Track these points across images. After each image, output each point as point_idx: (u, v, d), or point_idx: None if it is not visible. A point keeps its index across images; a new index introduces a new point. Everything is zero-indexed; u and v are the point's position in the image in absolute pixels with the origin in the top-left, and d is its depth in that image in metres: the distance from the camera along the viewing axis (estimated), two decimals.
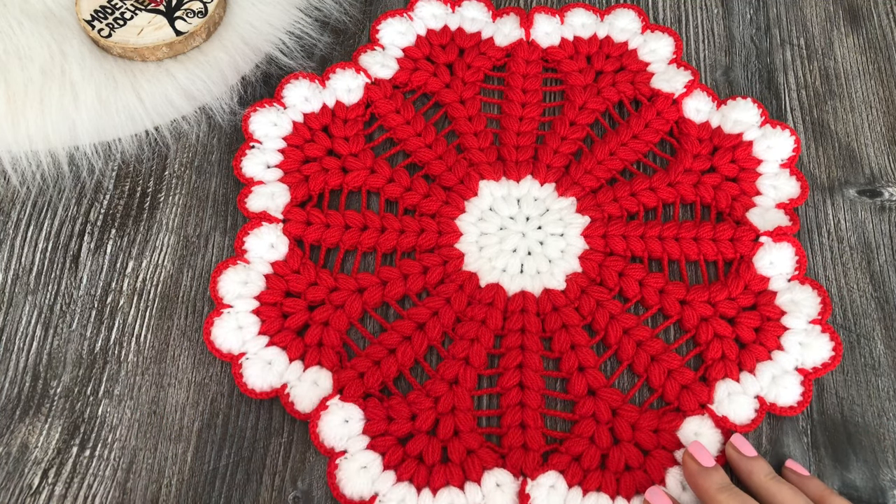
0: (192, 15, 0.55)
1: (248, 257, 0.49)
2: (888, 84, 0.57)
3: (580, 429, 0.45)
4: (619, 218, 0.51)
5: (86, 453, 0.45)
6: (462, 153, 0.54)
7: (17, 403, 0.46)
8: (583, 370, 0.47)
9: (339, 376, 0.46)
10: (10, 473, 0.44)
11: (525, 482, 0.43)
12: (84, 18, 0.54)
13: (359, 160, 0.53)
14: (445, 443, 0.45)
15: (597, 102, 0.55)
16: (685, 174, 0.52)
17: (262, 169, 0.52)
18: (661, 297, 0.49)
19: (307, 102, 0.55)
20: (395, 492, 0.43)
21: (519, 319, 0.48)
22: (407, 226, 0.51)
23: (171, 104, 0.54)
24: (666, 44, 0.57)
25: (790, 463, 0.44)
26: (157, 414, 0.46)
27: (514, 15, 0.59)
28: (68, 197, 0.52)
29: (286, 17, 0.58)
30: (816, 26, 0.60)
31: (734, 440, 0.44)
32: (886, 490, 0.44)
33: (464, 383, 0.46)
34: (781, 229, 0.50)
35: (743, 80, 0.57)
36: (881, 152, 0.54)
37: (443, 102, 0.56)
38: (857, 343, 0.48)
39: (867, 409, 0.46)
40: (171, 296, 0.49)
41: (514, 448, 0.44)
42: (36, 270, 0.50)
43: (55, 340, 0.48)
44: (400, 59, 0.57)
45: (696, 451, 0.43)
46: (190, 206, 0.52)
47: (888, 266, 0.51)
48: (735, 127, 0.54)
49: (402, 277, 0.49)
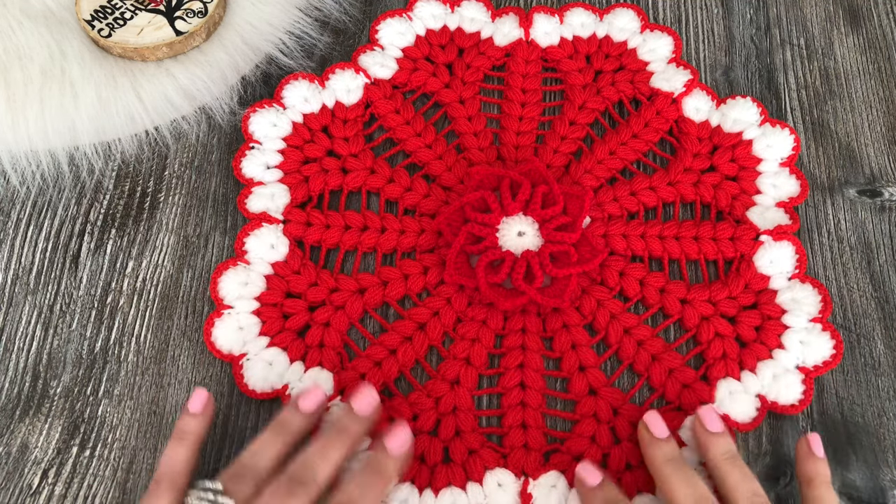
0: (192, 15, 0.55)
1: (248, 258, 0.49)
2: (888, 84, 0.57)
3: (581, 428, 0.45)
4: (620, 217, 0.51)
5: (86, 453, 0.45)
6: (462, 153, 0.54)
7: (17, 403, 0.46)
8: (584, 370, 0.47)
9: (341, 377, 0.46)
10: (10, 473, 0.44)
11: (527, 482, 0.43)
12: (84, 18, 0.54)
13: (359, 160, 0.53)
14: (447, 443, 0.45)
15: (596, 102, 0.55)
16: (685, 173, 0.52)
17: (262, 170, 0.52)
18: (662, 296, 0.49)
19: (307, 103, 0.55)
20: (398, 492, 0.43)
21: (519, 319, 0.48)
22: (407, 226, 0.51)
23: (171, 104, 0.54)
24: (665, 43, 0.57)
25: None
26: (157, 414, 0.46)
27: (513, 15, 0.59)
28: (68, 197, 0.52)
29: (286, 17, 0.58)
30: (816, 26, 0.60)
31: (702, 413, 0.43)
32: (886, 490, 0.44)
33: (465, 383, 0.46)
34: (782, 228, 0.50)
35: (743, 79, 0.57)
36: (881, 152, 0.55)
37: (442, 102, 0.56)
38: (857, 343, 0.48)
39: (867, 408, 0.46)
40: (171, 296, 0.49)
41: (515, 448, 0.44)
42: (36, 270, 0.50)
43: (55, 340, 0.48)
44: (399, 59, 0.57)
45: (650, 420, 0.43)
46: (190, 206, 0.52)
47: (888, 266, 0.51)
48: (735, 126, 0.54)
49: (403, 278, 0.49)
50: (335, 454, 0.40)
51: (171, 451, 0.40)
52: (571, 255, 0.47)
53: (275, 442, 0.40)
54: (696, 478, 0.40)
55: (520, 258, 0.47)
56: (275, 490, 0.38)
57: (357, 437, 0.41)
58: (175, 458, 0.40)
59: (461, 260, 0.47)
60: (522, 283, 0.46)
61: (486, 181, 0.49)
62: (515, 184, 0.49)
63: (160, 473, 0.40)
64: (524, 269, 0.46)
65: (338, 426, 0.41)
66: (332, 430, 0.41)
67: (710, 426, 0.43)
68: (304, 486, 0.38)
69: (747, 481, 0.40)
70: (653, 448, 0.42)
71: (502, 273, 0.46)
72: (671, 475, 0.41)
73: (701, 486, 0.40)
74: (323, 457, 0.39)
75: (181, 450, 0.40)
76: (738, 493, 0.40)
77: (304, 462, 0.39)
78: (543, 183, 0.49)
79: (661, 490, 0.42)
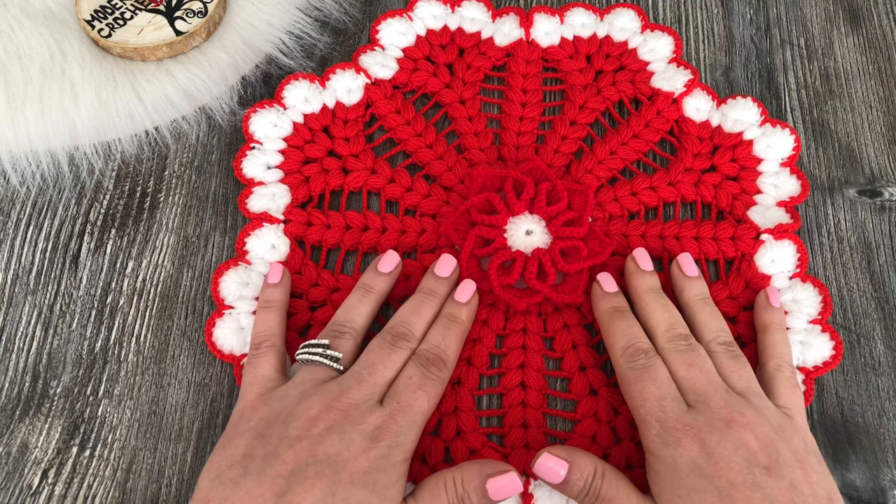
0: (192, 15, 0.55)
1: (249, 258, 0.49)
2: (888, 84, 0.57)
3: (582, 428, 0.45)
4: (621, 217, 0.51)
5: (86, 453, 0.45)
6: (462, 153, 0.54)
7: (17, 403, 0.46)
8: (584, 369, 0.47)
9: None
10: (10, 473, 0.44)
11: (528, 482, 0.43)
12: (84, 18, 0.54)
13: (359, 161, 0.53)
14: (448, 443, 0.45)
15: (597, 102, 0.55)
16: (686, 173, 0.52)
17: (263, 170, 0.52)
18: None
19: (307, 103, 0.54)
20: None
21: (521, 319, 0.48)
22: (408, 226, 0.51)
23: (171, 104, 0.54)
24: (665, 43, 0.57)
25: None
26: (157, 414, 0.46)
27: (513, 15, 0.59)
28: (68, 197, 0.52)
29: (286, 17, 0.58)
30: (816, 26, 0.60)
31: (680, 258, 0.48)
32: (886, 490, 0.44)
33: (466, 383, 0.46)
34: (782, 227, 0.50)
35: (743, 79, 0.57)
36: (881, 152, 0.55)
37: (443, 103, 0.56)
38: (857, 343, 0.48)
39: (867, 409, 0.46)
40: (171, 296, 0.49)
41: (516, 448, 0.44)
42: (36, 270, 0.50)
43: (55, 340, 0.48)
44: (400, 59, 0.57)
45: (638, 254, 0.47)
46: (190, 206, 0.52)
47: (888, 266, 0.51)
48: (735, 126, 0.54)
49: (404, 278, 0.49)
50: (427, 312, 0.45)
51: (262, 317, 0.45)
52: (581, 249, 0.47)
53: (364, 302, 0.45)
54: (671, 306, 0.45)
55: (531, 257, 0.47)
56: (380, 344, 0.43)
57: (443, 297, 0.46)
58: (268, 321, 0.45)
59: (472, 264, 0.47)
60: (536, 281, 0.46)
61: (488, 183, 0.49)
62: (519, 183, 0.49)
63: (256, 337, 0.45)
64: (536, 268, 0.46)
65: (425, 289, 0.46)
66: (420, 293, 0.46)
67: (687, 270, 0.47)
68: (406, 340, 0.43)
69: (716, 320, 0.45)
70: (637, 277, 0.46)
71: (515, 273, 0.46)
72: (651, 301, 0.45)
73: (675, 312, 0.45)
74: (417, 315, 0.44)
75: (271, 315, 0.45)
76: (707, 329, 0.44)
77: (403, 320, 0.44)
78: (546, 180, 0.49)
79: (640, 314, 0.45)
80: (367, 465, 0.38)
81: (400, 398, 0.40)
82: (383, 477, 0.38)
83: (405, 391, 0.41)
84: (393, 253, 0.47)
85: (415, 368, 0.42)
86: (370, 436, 0.39)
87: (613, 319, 0.44)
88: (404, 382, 0.41)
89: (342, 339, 0.43)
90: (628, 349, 0.43)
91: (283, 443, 0.38)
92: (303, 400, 0.40)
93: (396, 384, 0.41)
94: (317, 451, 0.38)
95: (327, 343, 0.43)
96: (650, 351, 0.43)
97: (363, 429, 0.39)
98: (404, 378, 0.41)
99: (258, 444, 0.38)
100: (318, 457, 0.38)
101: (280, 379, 0.43)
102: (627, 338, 0.43)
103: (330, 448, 0.38)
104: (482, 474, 0.40)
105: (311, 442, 0.38)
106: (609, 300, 0.46)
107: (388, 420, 0.39)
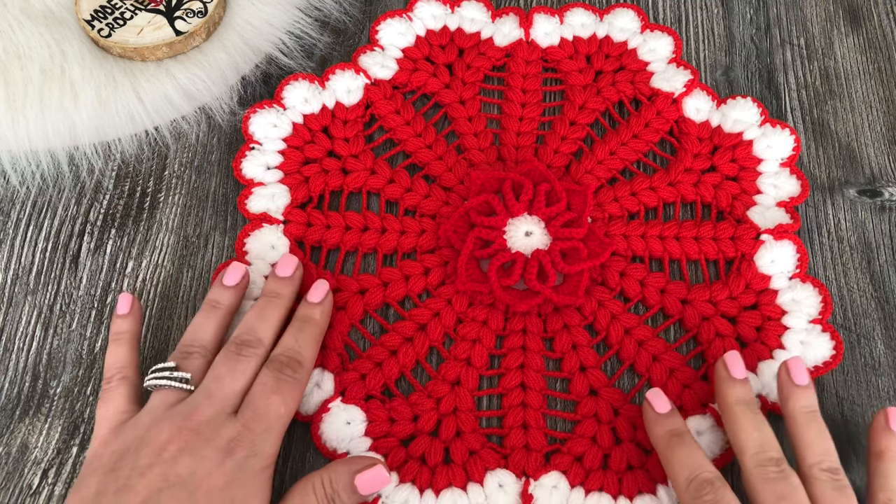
0: (191, 15, 0.55)
1: (248, 259, 0.49)
2: (888, 84, 0.57)
3: (582, 429, 0.45)
4: (620, 217, 0.51)
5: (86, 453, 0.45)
6: (462, 153, 0.54)
7: (17, 403, 0.46)
8: (584, 370, 0.47)
9: (341, 378, 0.46)
10: (10, 473, 0.44)
11: (528, 483, 0.43)
12: (84, 18, 0.54)
13: (359, 161, 0.53)
14: (447, 444, 0.45)
15: (597, 102, 0.55)
16: (685, 173, 0.52)
17: (263, 170, 0.52)
18: (663, 296, 0.49)
19: (307, 103, 0.54)
20: (398, 493, 0.43)
21: (520, 320, 0.48)
22: (408, 227, 0.51)
23: (171, 104, 0.54)
24: (665, 43, 0.57)
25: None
26: None
27: (513, 15, 0.59)
28: (68, 197, 0.52)
29: (286, 17, 0.58)
30: (816, 26, 0.60)
31: (791, 363, 0.42)
32: None
33: (465, 384, 0.46)
34: (782, 227, 0.50)
35: (743, 79, 0.57)
36: (881, 152, 0.55)
37: (443, 103, 0.56)
38: (857, 343, 0.48)
39: (867, 409, 0.46)
40: (170, 296, 0.49)
41: (516, 448, 0.44)
42: (36, 270, 0.50)
43: (55, 340, 0.48)
44: (399, 59, 0.57)
45: (730, 359, 0.43)
46: (190, 206, 0.52)
47: (888, 266, 0.51)
48: (735, 126, 0.54)
49: (404, 278, 0.49)
50: (272, 315, 0.43)
51: (112, 350, 0.44)
52: (581, 250, 0.47)
53: (210, 319, 0.44)
54: (764, 423, 0.40)
55: (531, 258, 0.47)
56: (226, 355, 0.41)
57: (288, 299, 0.45)
58: (118, 353, 0.44)
59: (472, 266, 0.47)
60: (536, 282, 0.46)
61: (487, 185, 0.49)
62: (517, 185, 0.49)
63: (107, 371, 0.43)
64: (536, 269, 0.46)
65: (268, 292, 0.45)
66: (263, 296, 0.45)
67: (797, 378, 0.41)
68: (251, 347, 0.42)
69: (823, 441, 0.40)
70: (726, 386, 0.42)
71: (515, 275, 0.46)
72: (740, 415, 0.40)
73: (768, 431, 0.40)
74: (261, 319, 0.43)
75: (121, 347, 0.44)
76: (811, 451, 0.39)
77: (246, 327, 0.43)
78: (545, 181, 0.49)
79: (728, 430, 0.41)
80: (224, 480, 0.37)
81: (255, 406, 0.40)
82: (242, 490, 0.38)
83: (259, 398, 0.40)
84: (238, 264, 0.46)
85: (268, 374, 0.41)
86: (224, 449, 0.38)
87: (671, 447, 0.40)
88: (258, 390, 0.40)
89: (190, 359, 0.42)
90: (692, 482, 0.38)
91: (135, 473, 0.37)
92: (153, 426, 0.39)
93: (251, 393, 0.40)
94: (169, 475, 0.37)
95: (174, 366, 0.42)
96: (717, 481, 0.38)
97: (217, 444, 0.38)
98: (258, 385, 0.41)
99: (110, 479, 0.38)
100: (172, 480, 0.37)
101: (134, 410, 0.41)
102: (690, 469, 0.39)
103: (182, 469, 0.37)
104: (350, 471, 0.40)
105: (164, 467, 0.37)
106: (664, 423, 0.41)
107: (243, 430, 0.39)
